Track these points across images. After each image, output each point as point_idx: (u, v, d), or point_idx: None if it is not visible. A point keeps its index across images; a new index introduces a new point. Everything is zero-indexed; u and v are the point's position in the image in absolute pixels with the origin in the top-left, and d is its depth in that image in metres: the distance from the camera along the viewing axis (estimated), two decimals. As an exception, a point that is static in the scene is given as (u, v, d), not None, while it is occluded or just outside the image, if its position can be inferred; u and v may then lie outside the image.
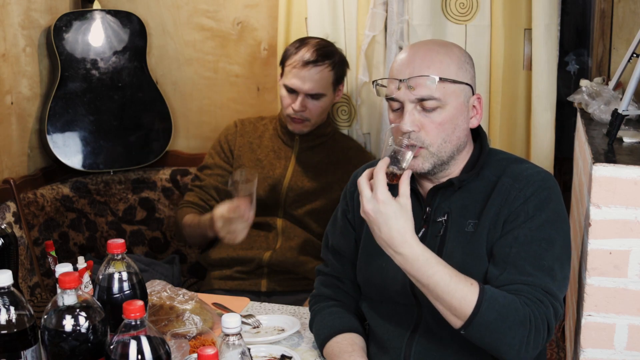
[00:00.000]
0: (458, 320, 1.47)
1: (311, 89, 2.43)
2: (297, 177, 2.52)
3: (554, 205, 1.56)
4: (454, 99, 1.58)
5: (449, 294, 1.45)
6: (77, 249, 2.86)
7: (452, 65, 1.58)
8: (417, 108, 1.57)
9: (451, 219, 1.61)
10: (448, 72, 1.57)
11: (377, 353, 1.70)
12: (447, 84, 1.56)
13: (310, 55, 2.43)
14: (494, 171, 1.63)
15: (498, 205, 1.57)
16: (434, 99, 1.55)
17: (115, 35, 2.87)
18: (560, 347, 2.46)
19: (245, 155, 2.55)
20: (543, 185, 1.57)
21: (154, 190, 2.96)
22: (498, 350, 1.48)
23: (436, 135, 1.58)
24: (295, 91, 2.44)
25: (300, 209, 2.53)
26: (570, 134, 2.66)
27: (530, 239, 1.53)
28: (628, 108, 1.82)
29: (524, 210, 1.55)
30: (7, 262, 1.59)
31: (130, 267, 1.49)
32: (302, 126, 2.49)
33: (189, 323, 1.73)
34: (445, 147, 1.59)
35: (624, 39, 2.42)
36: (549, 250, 1.52)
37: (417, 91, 1.56)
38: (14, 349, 1.34)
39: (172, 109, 3.02)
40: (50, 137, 2.75)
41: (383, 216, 1.44)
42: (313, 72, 2.42)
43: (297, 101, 2.43)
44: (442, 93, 1.56)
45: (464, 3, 2.56)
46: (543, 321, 1.47)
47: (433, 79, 1.54)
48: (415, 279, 1.48)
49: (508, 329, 1.44)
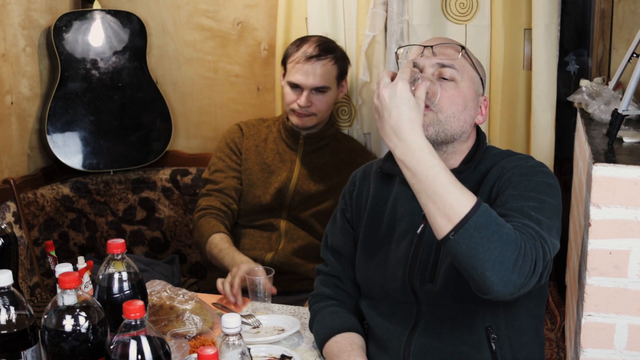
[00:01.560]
0: (448, 223, 1.36)
1: (316, 82, 2.43)
2: (302, 180, 2.51)
3: (542, 178, 1.56)
4: (469, 81, 1.64)
5: (447, 189, 1.36)
6: (77, 249, 2.86)
7: (472, 56, 1.68)
8: (435, 75, 1.62)
9: None
10: (469, 56, 1.67)
11: (377, 352, 1.70)
12: (467, 62, 1.65)
13: (313, 50, 2.44)
14: (488, 164, 1.65)
15: (488, 192, 1.59)
16: (453, 68, 1.62)
17: (115, 35, 2.87)
18: (560, 347, 2.46)
19: (252, 158, 2.55)
20: (529, 159, 1.63)
21: (154, 190, 2.96)
22: (483, 266, 1.34)
23: (447, 105, 1.60)
24: (299, 87, 2.44)
25: (305, 212, 2.52)
26: (570, 134, 2.65)
27: (517, 197, 1.51)
28: (628, 108, 1.82)
29: (510, 180, 1.56)
30: (7, 262, 1.59)
31: (130, 267, 1.49)
32: (307, 120, 2.48)
33: (189, 323, 1.73)
34: (452, 122, 1.61)
35: (624, 39, 2.42)
36: (538, 208, 1.48)
37: (439, 57, 1.63)
38: (14, 349, 1.34)
39: (172, 109, 3.02)
40: (50, 137, 2.75)
41: (397, 101, 1.40)
42: (317, 66, 2.43)
43: (303, 96, 2.43)
44: (461, 67, 1.63)
45: (464, 3, 2.56)
46: (532, 252, 1.39)
47: (458, 48, 1.64)
48: (413, 171, 1.39)
49: (499, 240, 1.34)
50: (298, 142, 2.54)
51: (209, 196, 2.51)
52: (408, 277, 1.64)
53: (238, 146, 2.56)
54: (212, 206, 2.47)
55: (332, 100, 2.51)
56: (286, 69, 2.49)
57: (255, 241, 2.51)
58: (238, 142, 2.57)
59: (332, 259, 1.82)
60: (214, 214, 2.45)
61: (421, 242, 1.64)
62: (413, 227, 1.66)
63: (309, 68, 2.43)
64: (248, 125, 2.61)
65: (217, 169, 2.55)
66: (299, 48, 2.46)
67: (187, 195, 2.93)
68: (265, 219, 2.53)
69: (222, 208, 2.48)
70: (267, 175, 2.51)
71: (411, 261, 1.64)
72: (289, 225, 2.53)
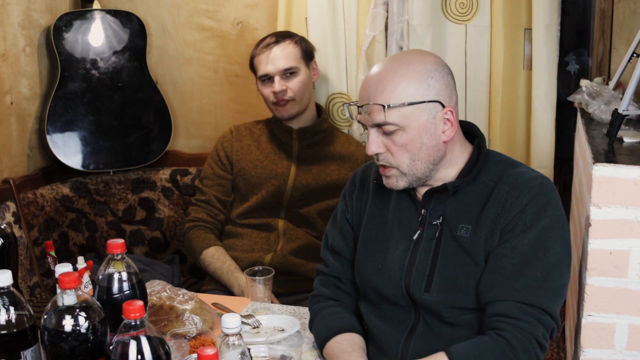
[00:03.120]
0: None
1: (281, 65, 2.47)
2: (301, 175, 2.51)
3: (552, 212, 1.55)
4: (414, 119, 1.56)
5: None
6: (76, 249, 2.86)
7: (410, 87, 1.55)
8: (380, 131, 1.59)
9: (446, 222, 1.61)
10: (403, 96, 1.55)
11: (375, 353, 1.70)
12: (402, 108, 1.55)
13: (270, 39, 2.51)
14: (491, 176, 1.61)
15: (494, 214, 1.56)
16: (390, 124, 1.56)
17: (115, 35, 2.87)
18: (561, 347, 2.46)
19: (244, 157, 2.55)
20: (540, 191, 1.56)
21: (154, 190, 2.96)
22: None
23: (402, 156, 1.58)
24: (269, 77, 2.48)
25: (306, 207, 2.53)
26: (571, 134, 2.65)
27: (527, 248, 1.52)
28: (628, 108, 1.82)
29: (522, 219, 1.54)
30: (7, 262, 1.59)
31: (130, 267, 1.49)
32: (290, 107, 2.50)
33: (188, 323, 1.73)
34: (416, 165, 1.59)
35: (624, 39, 2.42)
36: (545, 259, 1.52)
37: (372, 117, 1.57)
38: (13, 349, 1.34)
39: (172, 109, 3.01)
40: (50, 137, 2.75)
41: None
42: (277, 51, 2.48)
43: (275, 82, 2.47)
44: (398, 117, 1.55)
45: (464, 3, 2.56)
46: (531, 341, 1.49)
47: (380, 107, 1.54)
48: None
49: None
50: (292, 138, 2.54)
51: (197, 207, 2.58)
52: (404, 284, 1.64)
53: (227, 151, 2.58)
54: (200, 218, 2.56)
55: (306, 81, 2.52)
56: (254, 72, 2.55)
57: (254, 242, 2.51)
58: (227, 146, 2.59)
59: (332, 260, 1.82)
60: (202, 226, 2.55)
61: (417, 248, 1.64)
62: (410, 232, 1.66)
63: (271, 54, 2.47)
64: (240, 129, 2.62)
65: (205, 176, 2.61)
66: (258, 45, 2.54)
67: (187, 195, 2.93)
68: (262, 218, 2.53)
69: (209, 220, 2.56)
70: (262, 173, 2.52)
71: (407, 267, 1.64)
72: (287, 224, 2.53)
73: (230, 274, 2.42)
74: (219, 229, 2.58)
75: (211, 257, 2.47)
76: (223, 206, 2.57)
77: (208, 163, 2.61)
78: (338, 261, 1.81)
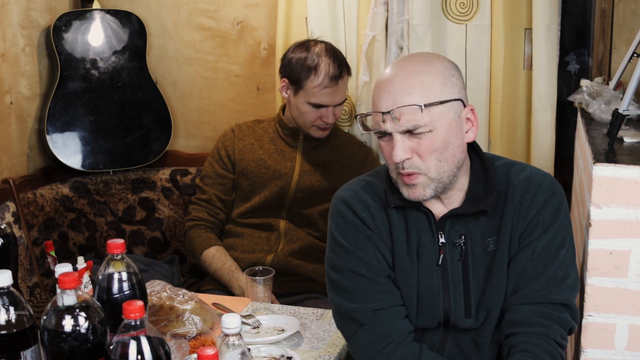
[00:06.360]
0: None
1: (340, 99, 2.46)
2: (304, 176, 2.51)
3: (565, 209, 1.57)
4: (443, 119, 1.48)
5: None
6: (76, 249, 2.85)
7: (435, 85, 1.48)
8: (406, 135, 1.48)
9: (470, 240, 1.56)
10: (432, 94, 1.47)
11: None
12: (433, 107, 1.46)
13: (334, 70, 2.41)
14: (499, 180, 1.58)
15: (512, 219, 1.55)
16: (423, 125, 1.46)
17: (115, 35, 2.87)
18: (561, 347, 2.46)
19: (246, 156, 2.55)
20: (552, 190, 1.56)
21: (154, 190, 2.96)
22: None
23: (430, 159, 1.49)
24: (323, 105, 2.44)
25: (309, 209, 2.53)
26: (571, 134, 2.65)
27: (547, 248, 1.53)
28: (629, 108, 1.82)
29: (540, 220, 1.54)
30: (7, 262, 1.59)
31: (130, 267, 1.48)
32: (329, 130, 2.52)
33: (188, 323, 1.73)
34: (443, 167, 1.50)
35: (624, 39, 2.42)
36: (562, 256, 1.54)
37: (402, 122, 1.46)
38: (13, 349, 1.34)
39: (172, 109, 3.01)
40: (49, 137, 2.75)
41: None
42: (341, 85, 2.45)
43: (330, 114, 2.44)
44: (429, 118, 1.46)
45: (464, 3, 2.56)
46: (553, 346, 1.50)
47: (417, 107, 1.45)
48: None
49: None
50: (297, 139, 2.54)
51: (198, 206, 2.58)
52: (444, 313, 1.58)
53: (228, 150, 2.56)
54: (200, 217, 2.55)
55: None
56: (299, 88, 2.43)
57: (255, 242, 2.51)
58: (228, 145, 2.57)
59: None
60: (202, 226, 2.54)
61: (446, 273, 1.57)
62: (434, 258, 1.57)
63: (334, 89, 2.43)
64: (242, 127, 2.61)
65: (205, 175, 2.60)
66: (317, 70, 2.40)
67: (187, 195, 2.93)
68: (264, 218, 2.53)
69: (209, 219, 2.55)
70: (266, 173, 2.51)
71: (443, 295, 1.58)
72: (289, 225, 2.53)
73: (231, 274, 2.42)
74: (220, 228, 2.58)
75: (212, 257, 2.47)
76: (224, 205, 2.57)
77: (209, 162, 2.61)
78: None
